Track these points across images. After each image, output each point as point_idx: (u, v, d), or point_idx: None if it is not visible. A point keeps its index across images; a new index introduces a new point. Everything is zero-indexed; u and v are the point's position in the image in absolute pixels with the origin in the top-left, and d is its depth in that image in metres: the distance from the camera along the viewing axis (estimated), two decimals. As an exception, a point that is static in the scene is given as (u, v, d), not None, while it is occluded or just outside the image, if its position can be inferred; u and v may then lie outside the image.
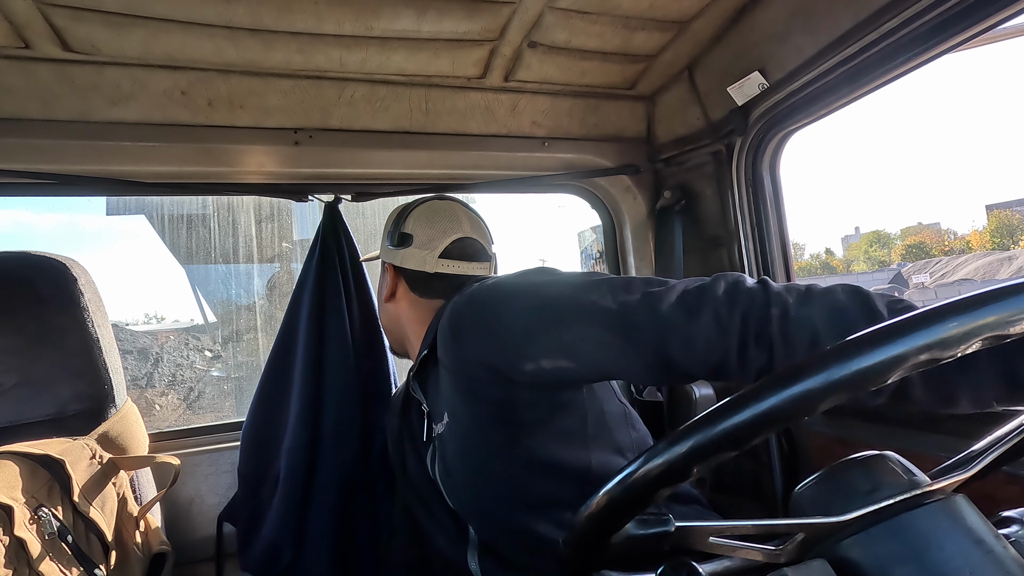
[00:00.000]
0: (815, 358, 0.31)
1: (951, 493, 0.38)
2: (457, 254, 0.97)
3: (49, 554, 0.66)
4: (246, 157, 1.17)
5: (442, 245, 0.97)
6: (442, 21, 1.01)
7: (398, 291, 1.02)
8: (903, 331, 0.30)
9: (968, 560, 0.34)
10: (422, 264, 0.97)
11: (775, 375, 0.32)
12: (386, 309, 1.06)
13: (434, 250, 0.97)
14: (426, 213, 1.00)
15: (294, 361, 1.21)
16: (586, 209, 1.56)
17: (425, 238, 0.97)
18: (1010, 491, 0.79)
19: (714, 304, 0.63)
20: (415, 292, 0.99)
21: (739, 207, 1.29)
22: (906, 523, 0.36)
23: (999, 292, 0.30)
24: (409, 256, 0.98)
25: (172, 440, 1.25)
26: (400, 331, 1.05)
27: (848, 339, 0.31)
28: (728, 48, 1.18)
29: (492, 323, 0.74)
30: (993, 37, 0.90)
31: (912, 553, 0.35)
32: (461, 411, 0.82)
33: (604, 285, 0.71)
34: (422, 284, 0.98)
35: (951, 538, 0.35)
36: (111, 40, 0.95)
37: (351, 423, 1.20)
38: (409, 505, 1.04)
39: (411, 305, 1.00)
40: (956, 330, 0.29)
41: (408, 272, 0.99)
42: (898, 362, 0.29)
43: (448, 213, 1.00)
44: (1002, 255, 33.87)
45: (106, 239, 73.78)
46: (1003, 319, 0.29)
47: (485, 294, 0.78)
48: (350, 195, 1.32)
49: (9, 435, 0.79)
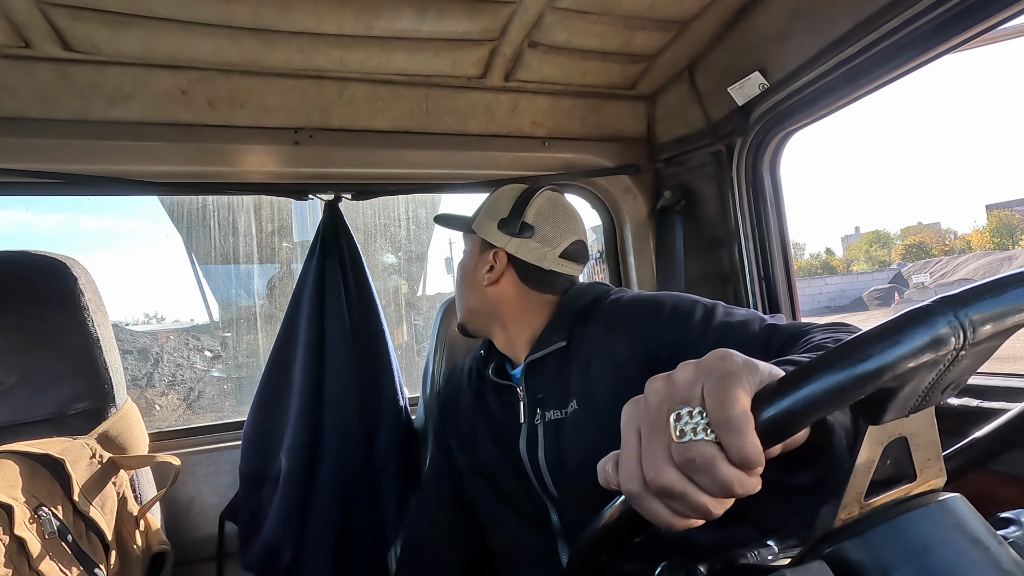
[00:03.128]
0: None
1: (950, 494, 0.38)
2: (573, 255, 0.99)
3: (49, 553, 0.66)
4: (246, 157, 1.17)
5: (563, 245, 0.98)
6: (442, 21, 1.01)
7: (504, 278, 1.00)
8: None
9: (966, 561, 0.34)
10: (540, 259, 0.97)
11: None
12: (484, 293, 1.02)
13: (556, 248, 0.98)
14: (550, 208, 1.00)
15: (294, 360, 1.21)
16: (587, 209, 1.56)
17: (548, 235, 0.98)
18: (1009, 492, 0.79)
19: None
20: (525, 283, 0.99)
21: (739, 207, 1.29)
22: (904, 524, 0.36)
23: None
24: (527, 248, 0.98)
25: (172, 439, 1.25)
26: (494, 315, 1.02)
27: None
28: (728, 48, 1.18)
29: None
30: (993, 37, 0.90)
31: (911, 554, 0.35)
32: (603, 400, 0.85)
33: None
34: (534, 277, 0.99)
35: (949, 539, 0.35)
36: (111, 39, 0.95)
37: (351, 422, 1.20)
38: (473, 495, 1.02)
39: (518, 294, 1.00)
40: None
41: (521, 263, 0.99)
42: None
43: (570, 213, 1.02)
44: (1002, 255, 33.90)
45: (106, 239, 72.93)
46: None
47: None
48: (350, 194, 1.32)
49: (9, 434, 0.79)
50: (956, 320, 0.32)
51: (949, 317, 0.32)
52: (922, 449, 0.38)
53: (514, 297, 1.00)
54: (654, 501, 0.35)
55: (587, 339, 0.90)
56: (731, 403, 0.33)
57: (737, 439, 0.33)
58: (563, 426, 0.88)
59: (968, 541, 0.35)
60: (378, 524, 1.21)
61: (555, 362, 0.93)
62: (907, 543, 0.35)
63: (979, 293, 0.33)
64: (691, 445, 0.34)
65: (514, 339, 1.01)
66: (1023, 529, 0.42)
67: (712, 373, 0.36)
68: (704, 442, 0.33)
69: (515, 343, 1.01)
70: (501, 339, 1.03)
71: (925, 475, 0.38)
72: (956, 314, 0.32)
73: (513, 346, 1.02)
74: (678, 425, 0.35)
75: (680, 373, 0.38)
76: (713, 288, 1.40)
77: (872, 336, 0.32)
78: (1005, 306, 0.32)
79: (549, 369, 0.93)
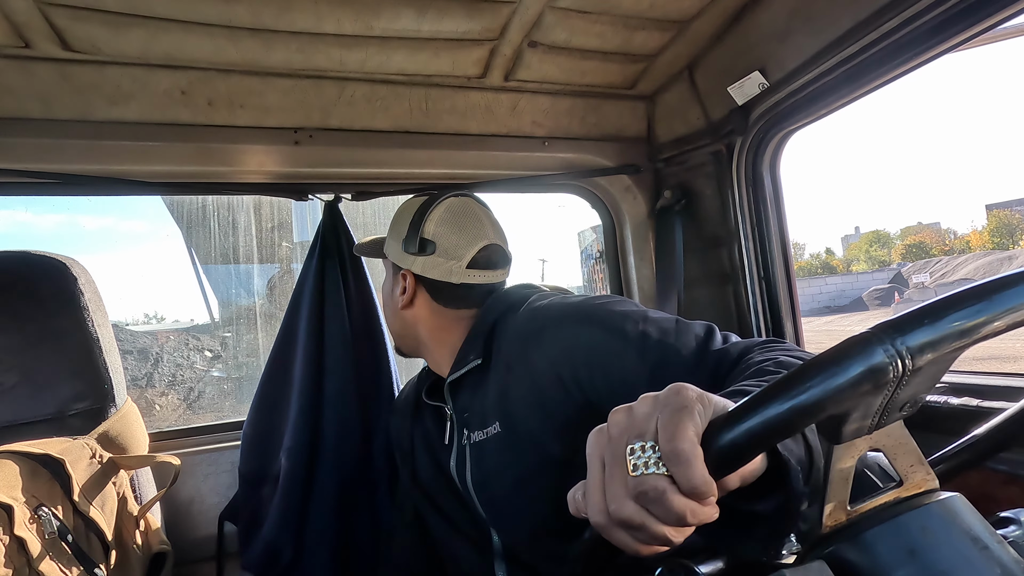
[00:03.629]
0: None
1: (949, 493, 0.38)
2: (484, 263, 0.94)
3: (49, 553, 0.66)
4: (246, 156, 1.17)
5: (469, 255, 0.92)
6: (442, 20, 1.01)
7: (417, 299, 0.97)
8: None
9: (966, 560, 0.34)
10: (447, 275, 0.92)
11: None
12: (401, 316, 1.00)
13: (461, 260, 0.92)
14: (449, 218, 0.94)
15: (294, 360, 1.21)
16: (586, 209, 1.56)
17: (450, 246, 0.92)
18: (1009, 491, 0.79)
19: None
20: (438, 302, 0.95)
21: (739, 207, 1.29)
22: (904, 524, 0.36)
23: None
24: (432, 265, 0.93)
25: (172, 440, 1.25)
26: (415, 338, 1.01)
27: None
28: (728, 48, 1.18)
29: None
30: (993, 37, 0.90)
31: (910, 554, 0.35)
32: (523, 420, 0.80)
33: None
34: (445, 293, 0.95)
35: (949, 539, 0.35)
36: (111, 39, 0.95)
37: (351, 422, 1.20)
38: (420, 511, 1.02)
39: (433, 314, 0.96)
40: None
41: (430, 282, 0.95)
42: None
43: (472, 218, 0.95)
44: (1002, 255, 33.89)
45: (106, 239, 73.04)
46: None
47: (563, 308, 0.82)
48: (350, 194, 1.32)
49: (9, 434, 0.79)
50: (893, 349, 0.32)
51: (886, 346, 0.32)
52: (901, 458, 0.38)
53: (429, 317, 0.97)
54: (619, 531, 0.37)
55: (504, 353, 0.85)
56: (680, 437, 0.35)
57: (686, 471, 0.34)
58: (485, 449, 0.85)
59: (968, 540, 0.35)
60: (377, 524, 1.21)
61: (474, 381, 0.89)
62: (907, 542, 0.35)
63: (916, 319, 0.33)
64: (644, 478, 0.35)
65: (438, 360, 0.98)
66: (1023, 528, 0.42)
67: (667, 407, 0.37)
68: (656, 475, 0.35)
69: (440, 364, 0.98)
70: (429, 360, 1.02)
71: (912, 480, 0.38)
72: (893, 343, 0.32)
73: (439, 367, 0.99)
74: (632, 459, 0.36)
75: (639, 406, 0.39)
76: (713, 288, 1.40)
77: (812, 366, 0.33)
78: (943, 332, 0.32)
79: (469, 388, 0.90)
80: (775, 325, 1.29)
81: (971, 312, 0.32)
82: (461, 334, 0.94)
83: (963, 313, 0.32)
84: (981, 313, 0.32)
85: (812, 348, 0.94)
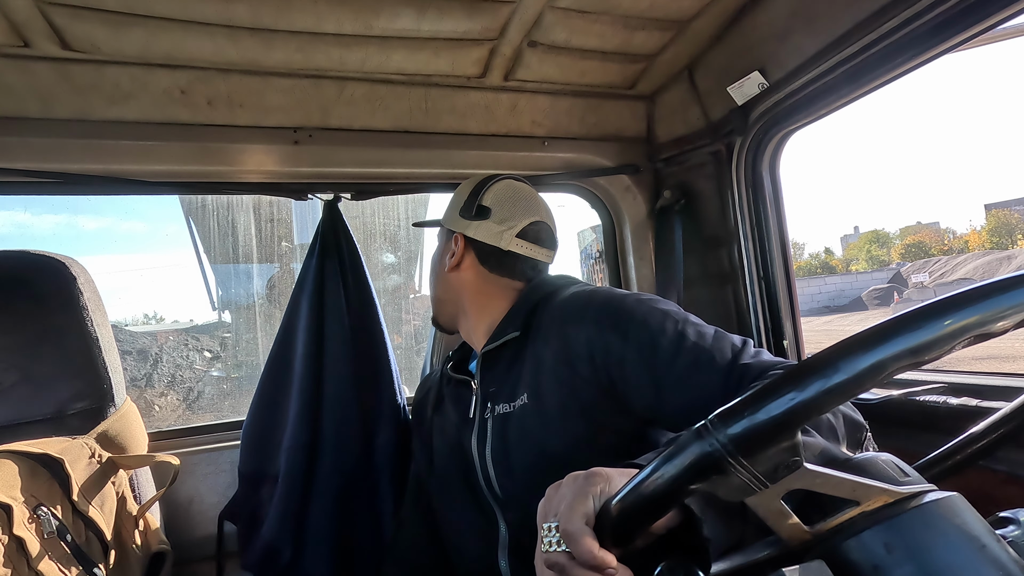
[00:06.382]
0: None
1: (948, 493, 0.38)
2: (532, 237, 0.99)
3: (48, 553, 0.66)
4: (246, 156, 1.17)
5: (520, 225, 0.98)
6: (442, 20, 1.01)
7: (465, 262, 1.01)
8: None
9: (965, 560, 0.34)
10: (497, 239, 0.97)
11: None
12: (447, 279, 1.03)
13: (511, 228, 0.97)
14: (507, 191, 1.00)
15: (293, 360, 1.21)
16: (586, 209, 1.56)
17: (504, 215, 0.98)
18: (1008, 491, 0.79)
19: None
20: (485, 266, 1.00)
21: (739, 207, 1.29)
22: (904, 523, 0.36)
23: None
24: (484, 229, 0.98)
25: (171, 439, 1.24)
26: (458, 303, 1.03)
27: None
28: (728, 48, 1.18)
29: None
30: (993, 37, 0.90)
31: (910, 553, 0.35)
32: (551, 393, 0.83)
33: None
34: (493, 259, 0.99)
35: (948, 539, 0.35)
36: (111, 39, 0.95)
37: (351, 422, 1.20)
38: (433, 499, 1.04)
39: (478, 278, 1.00)
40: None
41: (479, 245, 0.99)
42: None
43: (528, 195, 1.02)
44: (1001, 254, 33.92)
45: (106, 239, 72.44)
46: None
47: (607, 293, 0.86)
48: (350, 194, 1.32)
49: (8, 434, 0.79)
50: (717, 443, 0.34)
51: (711, 440, 0.34)
52: (832, 489, 0.37)
53: (474, 280, 1.01)
54: None
55: (544, 331, 0.88)
56: (571, 519, 0.42)
57: (578, 548, 0.41)
58: (510, 420, 0.87)
59: (967, 540, 0.35)
60: (377, 524, 1.21)
61: (510, 354, 0.92)
62: (906, 542, 0.35)
63: (737, 412, 0.34)
64: (550, 555, 0.43)
65: (474, 327, 1.01)
66: (1022, 528, 0.42)
67: (568, 492, 0.44)
68: (558, 553, 0.43)
69: (475, 332, 1.01)
70: (465, 328, 1.04)
71: (868, 500, 0.37)
72: (717, 437, 0.34)
73: (473, 335, 1.02)
74: (546, 537, 0.44)
75: (559, 489, 0.46)
76: (712, 288, 1.40)
77: (665, 456, 0.36)
78: (761, 422, 0.33)
79: (503, 362, 0.93)
80: (774, 325, 1.30)
81: (784, 400, 0.33)
82: (502, 306, 0.98)
83: (777, 403, 0.33)
84: (793, 400, 0.32)
85: (812, 348, 0.95)
